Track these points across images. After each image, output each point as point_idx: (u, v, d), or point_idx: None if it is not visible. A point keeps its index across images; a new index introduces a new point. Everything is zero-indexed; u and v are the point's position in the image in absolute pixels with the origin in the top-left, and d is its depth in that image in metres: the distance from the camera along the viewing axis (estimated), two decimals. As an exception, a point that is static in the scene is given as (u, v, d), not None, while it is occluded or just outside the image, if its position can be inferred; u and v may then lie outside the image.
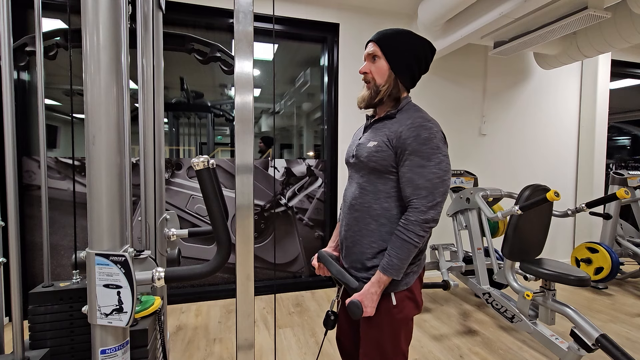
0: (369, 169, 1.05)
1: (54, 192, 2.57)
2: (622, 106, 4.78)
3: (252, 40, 0.80)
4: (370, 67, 1.07)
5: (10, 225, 0.96)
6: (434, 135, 0.97)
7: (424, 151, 0.96)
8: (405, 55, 1.04)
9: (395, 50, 1.04)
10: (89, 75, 0.67)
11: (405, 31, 1.05)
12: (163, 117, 1.47)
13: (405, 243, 0.96)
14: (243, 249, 0.82)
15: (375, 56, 1.06)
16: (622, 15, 2.50)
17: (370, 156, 1.03)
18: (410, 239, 0.96)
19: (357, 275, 1.09)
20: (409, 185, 0.98)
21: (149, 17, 1.31)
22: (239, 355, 0.83)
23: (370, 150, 1.03)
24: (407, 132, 0.98)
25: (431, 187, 0.95)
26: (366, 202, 1.05)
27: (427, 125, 0.98)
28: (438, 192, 0.96)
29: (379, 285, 0.99)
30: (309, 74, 3.44)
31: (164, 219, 1.43)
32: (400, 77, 1.05)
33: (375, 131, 1.07)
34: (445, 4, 2.43)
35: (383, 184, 1.03)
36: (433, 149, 0.96)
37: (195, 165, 0.78)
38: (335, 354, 1.99)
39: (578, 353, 1.68)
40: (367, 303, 0.99)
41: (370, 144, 1.04)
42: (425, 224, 0.96)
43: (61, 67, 2.63)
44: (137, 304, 1.07)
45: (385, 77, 1.05)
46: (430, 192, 0.95)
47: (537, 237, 2.08)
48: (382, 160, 1.01)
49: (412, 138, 0.97)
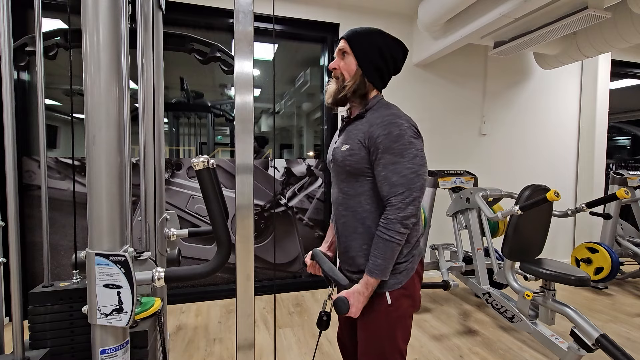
0: (346, 172, 1.05)
1: (54, 192, 2.57)
2: (622, 106, 4.78)
3: (252, 40, 0.80)
4: (339, 63, 1.08)
5: (10, 225, 0.96)
6: (404, 132, 0.97)
7: (396, 148, 0.96)
8: (374, 53, 1.04)
9: (364, 48, 1.04)
10: (89, 75, 0.67)
11: (376, 30, 1.06)
12: (163, 117, 1.47)
13: (387, 242, 0.96)
14: (243, 249, 0.82)
15: (345, 52, 1.07)
16: (622, 15, 2.50)
17: (345, 160, 1.04)
18: (392, 237, 0.96)
19: (352, 277, 1.10)
20: (385, 184, 0.98)
21: (149, 17, 1.31)
22: (239, 355, 0.83)
23: (345, 155, 1.04)
24: (378, 130, 0.98)
25: (407, 182, 0.95)
26: (350, 206, 1.06)
27: (397, 122, 0.98)
28: (415, 187, 0.95)
29: (367, 287, 0.99)
30: (309, 74, 3.44)
31: (164, 219, 1.43)
32: (368, 75, 1.05)
33: (347, 134, 1.07)
34: (445, 4, 2.43)
35: (361, 187, 1.04)
36: (405, 144, 0.96)
37: (195, 165, 0.78)
38: (335, 354, 2.00)
39: (578, 353, 1.68)
40: (352, 302, 0.98)
41: (344, 148, 1.05)
42: (405, 220, 0.95)
43: (61, 67, 2.63)
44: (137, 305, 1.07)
45: (352, 73, 1.05)
46: (406, 187, 0.95)
47: (537, 237, 2.08)
48: (356, 164, 1.02)
49: (382, 136, 0.96)
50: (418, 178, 0.96)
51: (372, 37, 1.05)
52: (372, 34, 1.05)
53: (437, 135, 3.33)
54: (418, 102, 3.28)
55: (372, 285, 0.99)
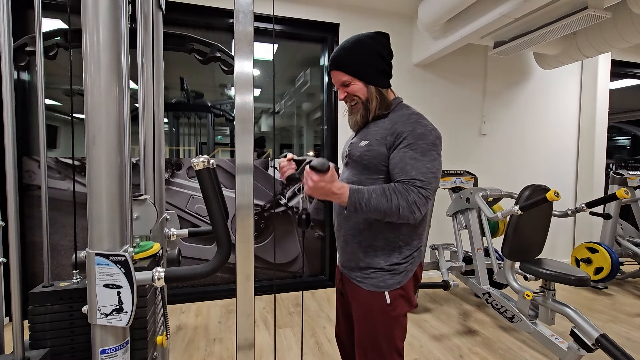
0: (361, 166, 1.05)
1: (54, 192, 2.57)
2: (622, 106, 4.78)
3: (252, 40, 0.80)
4: (344, 94, 1.07)
5: (10, 225, 0.95)
6: (430, 132, 0.97)
7: (419, 145, 0.95)
8: (366, 60, 1.03)
9: (358, 65, 1.03)
10: (89, 75, 0.67)
11: (354, 41, 1.04)
12: (163, 117, 1.47)
13: (385, 200, 0.91)
14: (243, 249, 0.82)
15: (344, 83, 1.05)
16: (622, 15, 2.50)
17: (363, 155, 1.04)
18: (393, 203, 0.90)
19: (350, 275, 1.10)
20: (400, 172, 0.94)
21: (149, 17, 1.31)
22: (239, 355, 0.83)
23: (362, 150, 1.04)
24: (403, 126, 0.98)
25: (425, 180, 0.93)
26: None
27: (423, 122, 0.99)
28: (431, 187, 0.94)
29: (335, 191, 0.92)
30: (309, 74, 3.44)
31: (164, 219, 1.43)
32: (378, 84, 1.05)
33: (367, 131, 1.08)
34: (445, 4, 2.43)
35: (372, 183, 1.03)
36: (428, 144, 0.96)
37: (195, 165, 0.78)
38: (335, 354, 1.99)
39: (578, 353, 1.68)
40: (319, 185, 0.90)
41: (362, 143, 1.05)
42: (415, 206, 0.91)
43: (61, 67, 2.63)
44: (135, 247, 1.05)
45: (366, 93, 1.04)
46: (424, 184, 0.93)
47: (537, 237, 2.08)
48: (373, 159, 1.02)
49: (408, 132, 0.97)
50: (435, 180, 0.96)
51: (356, 51, 1.03)
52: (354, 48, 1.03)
53: (437, 135, 3.32)
54: (418, 102, 3.26)
55: (341, 197, 0.93)
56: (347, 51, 1.04)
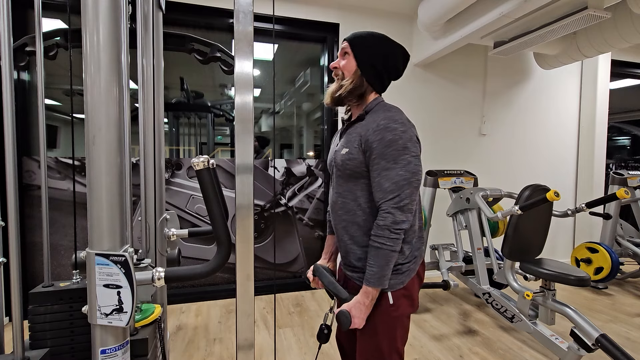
0: (346, 175, 1.06)
1: (54, 192, 2.57)
2: (622, 106, 4.78)
3: (252, 40, 0.80)
4: (340, 63, 1.10)
5: (10, 225, 0.96)
6: (399, 137, 0.95)
7: (389, 154, 0.95)
8: (373, 55, 1.05)
9: (364, 50, 1.06)
10: (89, 75, 0.67)
11: (379, 35, 1.07)
12: (163, 117, 1.47)
13: (379, 250, 0.95)
14: (243, 249, 0.82)
15: (346, 53, 1.08)
16: (622, 15, 2.50)
17: (344, 163, 1.04)
18: (383, 244, 0.95)
19: (353, 276, 1.10)
20: (378, 190, 0.98)
21: (149, 17, 1.31)
22: (239, 355, 0.83)
23: (344, 158, 1.04)
24: (372, 135, 0.97)
25: (397, 189, 0.94)
26: (350, 209, 1.06)
27: (392, 127, 0.96)
28: (404, 193, 0.94)
29: (367, 296, 0.98)
30: (309, 74, 3.44)
31: (164, 219, 1.43)
32: (366, 76, 1.06)
33: (347, 137, 1.08)
34: (445, 4, 2.43)
35: (361, 190, 1.04)
36: (398, 150, 0.95)
37: (195, 165, 0.78)
38: (335, 354, 1.99)
39: (578, 353, 1.68)
40: (355, 313, 0.98)
41: (343, 151, 1.05)
42: (395, 225, 0.94)
43: (61, 67, 2.63)
44: (137, 312, 1.07)
45: (352, 73, 1.06)
46: (396, 194, 0.94)
47: (537, 237, 2.08)
48: (355, 167, 1.02)
49: (377, 142, 0.96)
50: (409, 185, 0.95)
51: (373, 41, 1.06)
52: (373, 38, 1.06)
53: (437, 135, 3.33)
54: (418, 102, 3.28)
55: (372, 294, 0.99)
56: (367, 35, 1.07)
